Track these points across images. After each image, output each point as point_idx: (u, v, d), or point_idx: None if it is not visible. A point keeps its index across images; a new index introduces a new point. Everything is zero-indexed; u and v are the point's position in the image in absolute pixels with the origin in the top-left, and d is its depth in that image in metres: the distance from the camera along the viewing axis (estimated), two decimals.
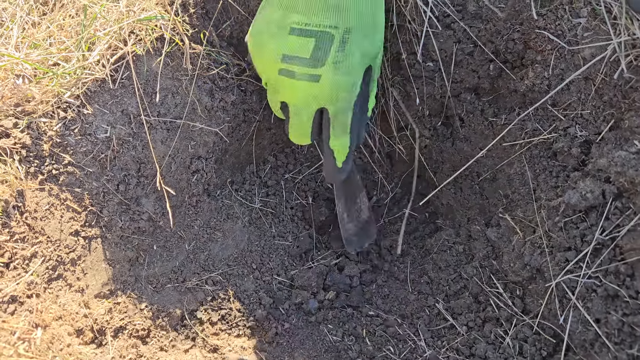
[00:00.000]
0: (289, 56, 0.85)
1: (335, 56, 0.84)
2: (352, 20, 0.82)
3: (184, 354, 0.87)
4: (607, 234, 0.80)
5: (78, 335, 0.78)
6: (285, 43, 0.85)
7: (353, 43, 0.84)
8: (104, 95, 0.88)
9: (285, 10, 0.83)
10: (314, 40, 0.83)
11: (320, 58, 0.84)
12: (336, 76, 0.85)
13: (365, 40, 0.85)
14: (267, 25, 0.85)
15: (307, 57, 0.84)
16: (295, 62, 0.85)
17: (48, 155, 0.83)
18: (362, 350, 0.94)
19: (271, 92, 0.92)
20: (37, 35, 0.91)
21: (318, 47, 0.83)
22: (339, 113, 0.89)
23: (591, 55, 0.86)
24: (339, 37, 0.83)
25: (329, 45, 0.83)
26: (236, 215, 1.08)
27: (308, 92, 0.87)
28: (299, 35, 0.83)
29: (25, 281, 0.76)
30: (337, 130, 0.90)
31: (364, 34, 0.84)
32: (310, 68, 0.85)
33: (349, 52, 0.84)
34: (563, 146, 0.91)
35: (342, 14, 0.82)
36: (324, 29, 0.83)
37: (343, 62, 0.85)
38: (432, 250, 1.10)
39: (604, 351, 0.77)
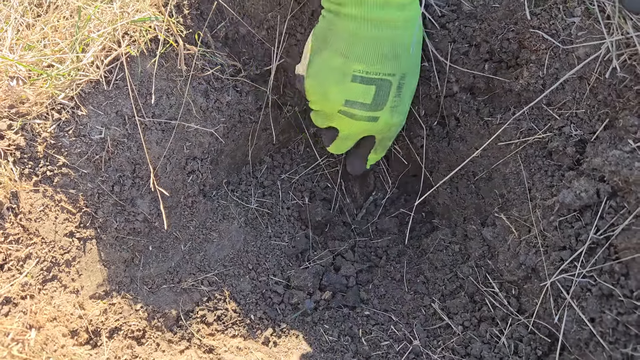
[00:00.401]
0: (351, 101, 0.91)
1: (393, 101, 0.91)
2: (405, 67, 0.89)
3: (180, 355, 0.87)
4: (602, 233, 0.80)
5: (73, 337, 0.78)
6: (349, 89, 0.90)
7: (407, 86, 0.91)
8: (98, 97, 0.88)
9: (346, 59, 0.87)
10: (374, 87, 0.89)
11: (379, 103, 0.91)
12: (392, 118, 0.94)
13: (414, 81, 0.94)
14: (329, 70, 0.90)
15: (368, 103, 0.91)
16: (357, 106, 0.91)
17: (42, 156, 0.83)
18: (358, 350, 0.94)
19: (323, 118, 1.00)
20: (32, 37, 0.91)
21: (378, 94, 0.90)
22: (384, 140, 1.00)
23: (585, 55, 0.86)
24: (396, 83, 0.89)
25: (388, 91, 0.90)
26: (232, 215, 1.08)
27: (364, 129, 0.96)
28: (361, 82, 0.88)
29: (20, 282, 0.76)
30: (378, 150, 1.03)
31: (414, 76, 0.93)
32: (370, 112, 0.92)
33: (404, 95, 0.92)
34: (558, 145, 0.91)
35: (398, 62, 0.87)
36: (384, 77, 0.88)
37: (399, 105, 0.93)
38: (428, 250, 1.10)
39: (598, 350, 0.77)
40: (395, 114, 0.93)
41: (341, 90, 0.90)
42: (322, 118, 1.00)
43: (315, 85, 0.93)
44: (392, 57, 0.87)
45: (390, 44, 0.86)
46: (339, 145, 1.03)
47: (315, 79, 0.92)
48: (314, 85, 0.93)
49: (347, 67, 0.88)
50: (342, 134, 0.99)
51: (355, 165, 1.08)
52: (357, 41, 0.86)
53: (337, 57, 0.88)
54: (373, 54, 0.86)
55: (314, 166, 1.23)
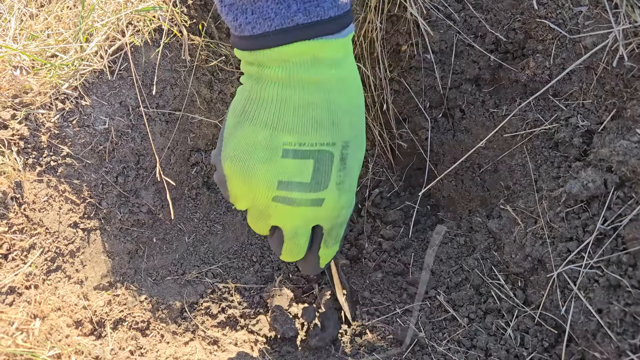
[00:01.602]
0: (285, 182, 0.72)
1: (337, 176, 0.73)
2: (347, 132, 0.72)
3: (184, 346, 0.87)
4: (609, 223, 0.79)
5: (77, 327, 0.78)
6: (280, 168, 0.71)
7: (352, 157, 0.74)
8: (102, 87, 0.88)
9: (272, 130, 0.70)
10: (312, 161, 0.71)
11: (322, 181, 0.72)
12: (341, 197, 0.75)
13: (360, 152, 0.76)
14: (252, 147, 0.71)
15: (307, 182, 0.72)
16: (294, 187, 0.72)
17: (46, 146, 0.83)
18: (362, 343, 0.93)
19: (257, 217, 0.78)
20: (35, 27, 0.91)
21: (318, 169, 0.71)
22: (334, 228, 0.80)
23: (592, 44, 0.86)
24: (339, 153, 0.72)
25: (330, 165, 0.72)
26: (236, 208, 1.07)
27: (309, 217, 0.77)
28: (294, 157, 0.71)
29: (24, 272, 0.75)
30: (329, 242, 0.82)
31: (359, 146, 0.75)
32: (312, 193, 0.73)
33: (350, 167, 0.74)
34: (565, 136, 0.90)
35: (337, 128, 0.70)
36: (322, 147, 0.70)
37: (345, 180, 0.74)
38: (434, 243, 1.10)
39: (606, 341, 0.76)
40: (342, 192, 0.74)
41: (270, 169, 0.71)
42: (257, 217, 0.77)
43: (237, 168, 0.72)
44: (329, 124, 0.69)
45: (327, 109, 0.69)
46: (291, 250, 0.80)
47: (236, 161, 0.72)
48: (236, 170, 0.73)
49: (274, 140, 0.69)
50: (288, 232, 0.78)
51: (308, 266, 0.85)
52: (285, 108, 0.68)
53: (260, 129, 0.70)
54: (306, 121, 0.69)
55: None
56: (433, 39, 1.01)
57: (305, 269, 0.87)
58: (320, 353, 0.91)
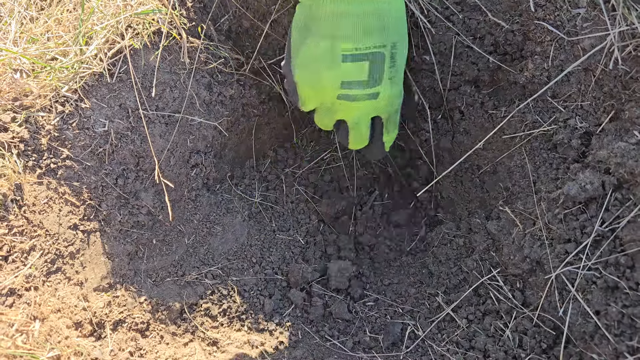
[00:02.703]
0: (347, 82, 0.87)
1: (389, 72, 0.87)
2: (394, 35, 0.85)
3: (184, 347, 0.88)
4: (607, 225, 0.79)
5: (77, 328, 0.78)
6: (342, 71, 0.86)
7: (399, 55, 0.88)
8: (101, 89, 0.88)
9: (331, 40, 0.83)
10: (367, 62, 0.85)
11: (377, 78, 0.87)
12: (392, 90, 0.89)
13: (405, 49, 0.89)
14: (317, 57, 0.86)
15: (365, 80, 0.87)
16: (354, 86, 0.87)
17: (46, 149, 0.83)
18: (361, 342, 0.94)
19: (325, 113, 0.95)
20: (35, 30, 0.92)
21: (373, 68, 0.86)
22: (391, 115, 0.95)
23: (591, 46, 0.86)
24: (389, 53, 0.86)
25: (382, 63, 0.86)
26: (236, 209, 1.08)
27: (368, 108, 0.91)
28: (352, 60, 0.85)
29: (24, 274, 0.76)
30: (389, 127, 0.97)
31: (404, 43, 0.88)
32: (369, 88, 0.88)
33: (399, 64, 0.88)
34: (563, 138, 0.90)
35: (386, 32, 0.84)
36: (374, 49, 0.84)
37: (396, 75, 0.89)
38: (433, 244, 1.10)
39: (604, 343, 0.76)
40: (394, 84, 0.90)
41: (334, 74, 0.86)
42: (325, 114, 0.95)
43: (306, 75, 0.88)
44: (380, 29, 0.83)
45: (377, 17, 0.82)
46: (356, 137, 0.97)
47: (305, 69, 0.88)
48: (305, 76, 0.88)
49: (335, 48, 0.84)
50: (351, 123, 0.95)
51: (375, 151, 1.02)
52: (340, 20, 0.82)
53: (322, 40, 0.84)
54: (360, 29, 0.82)
55: (317, 160, 1.22)
56: (432, 40, 1.01)
57: (374, 155, 1.05)
58: None
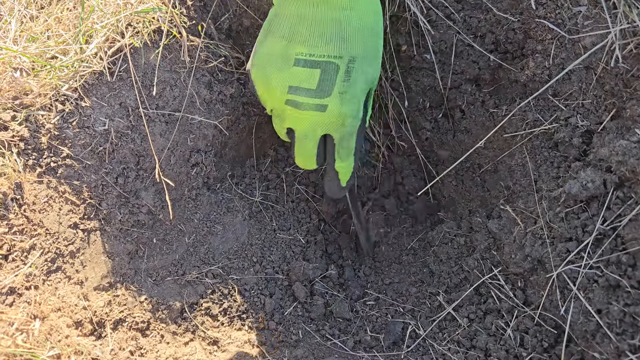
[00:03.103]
0: (294, 87, 0.83)
1: (341, 86, 0.82)
2: (355, 49, 0.81)
3: (184, 347, 0.87)
4: (609, 224, 0.79)
5: (77, 327, 0.78)
6: (291, 74, 0.82)
7: (357, 71, 0.82)
8: (101, 88, 0.88)
9: (288, 42, 0.81)
10: (319, 71, 0.81)
11: (326, 89, 0.82)
12: (342, 106, 0.83)
13: (369, 68, 0.84)
14: (270, 57, 0.83)
15: (313, 89, 0.82)
16: (302, 93, 0.83)
17: (46, 148, 0.83)
18: (362, 341, 0.94)
19: (277, 119, 0.90)
20: (35, 29, 0.91)
21: (324, 78, 0.81)
22: (344, 138, 0.87)
23: (592, 44, 0.85)
24: (344, 66, 0.81)
25: (335, 75, 0.81)
26: (236, 208, 1.08)
27: (314, 121, 0.85)
28: (304, 66, 0.81)
29: (24, 273, 0.76)
30: (342, 154, 0.89)
31: (367, 62, 0.83)
32: (317, 99, 0.83)
33: (354, 80, 0.82)
34: (564, 136, 0.90)
35: (346, 43, 0.80)
36: (329, 59, 0.80)
37: (348, 91, 0.82)
38: (434, 243, 1.10)
39: (605, 342, 0.76)
40: (344, 101, 0.83)
41: (284, 76, 0.82)
42: (276, 119, 0.89)
43: (259, 74, 0.85)
44: (339, 39, 0.79)
45: (337, 25, 0.79)
46: (300, 151, 0.90)
47: (259, 68, 0.85)
48: (258, 75, 0.85)
49: (289, 50, 0.81)
50: (299, 134, 0.88)
51: (333, 188, 0.94)
52: (300, 23, 0.79)
53: (279, 41, 0.82)
54: (317, 35, 0.79)
55: None
56: (433, 39, 1.01)
57: (328, 187, 0.95)
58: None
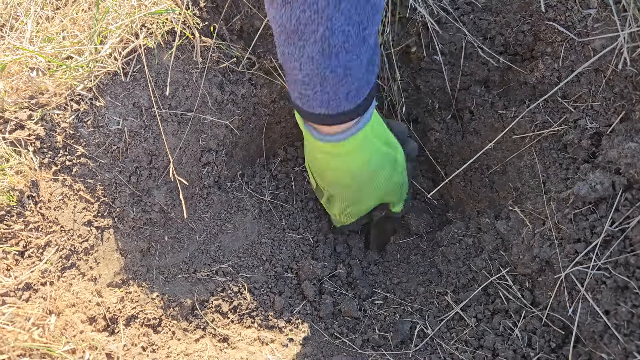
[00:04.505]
0: None
1: (325, 202, 1.03)
2: (332, 191, 0.98)
3: (195, 343, 0.89)
4: (617, 225, 0.80)
5: (91, 323, 0.79)
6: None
7: (336, 205, 1.03)
8: (116, 88, 0.89)
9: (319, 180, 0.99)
10: (315, 182, 1.01)
11: (319, 194, 1.04)
12: (329, 211, 1.09)
13: (346, 208, 1.02)
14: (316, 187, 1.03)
15: (314, 188, 1.04)
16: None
17: (61, 146, 0.85)
18: (370, 340, 0.94)
19: None
20: (51, 29, 0.93)
21: (317, 188, 1.02)
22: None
23: (601, 47, 0.86)
24: (326, 195, 1.00)
25: (322, 194, 1.01)
26: (246, 207, 1.09)
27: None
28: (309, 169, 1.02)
29: (40, 269, 0.77)
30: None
31: (344, 204, 1.01)
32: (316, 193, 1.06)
33: (333, 207, 1.04)
34: (573, 138, 0.90)
35: (325, 183, 0.97)
36: (318, 182, 0.99)
37: (330, 209, 1.06)
38: (442, 243, 1.10)
39: (613, 342, 0.76)
40: (329, 211, 1.07)
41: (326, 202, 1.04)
42: None
43: (316, 193, 1.05)
44: (319, 176, 0.96)
45: (318, 167, 0.94)
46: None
47: (316, 190, 1.04)
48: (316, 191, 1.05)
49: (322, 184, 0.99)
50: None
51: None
52: (320, 171, 0.96)
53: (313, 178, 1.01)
54: (308, 162, 0.97)
55: None
56: (442, 40, 1.02)
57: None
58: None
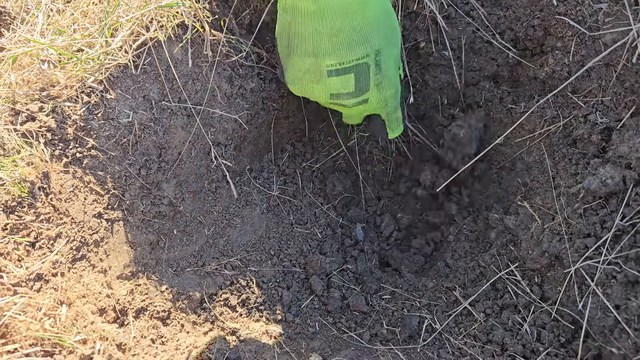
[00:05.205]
0: (335, 94, 0.92)
1: (375, 79, 0.90)
2: (378, 42, 0.86)
3: (204, 336, 0.89)
4: (628, 220, 0.80)
5: (101, 314, 0.80)
6: (328, 85, 0.90)
7: (386, 59, 0.89)
8: (126, 81, 0.89)
9: (315, 57, 0.87)
10: (353, 75, 0.88)
11: (363, 87, 0.90)
12: (381, 94, 0.92)
13: (393, 49, 0.90)
14: (302, 73, 0.91)
15: (352, 91, 0.91)
16: (343, 97, 0.92)
17: (72, 138, 0.85)
18: (378, 334, 0.94)
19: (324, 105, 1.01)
20: (62, 22, 0.93)
21: (358, 79, 0.89)
22: (390, 114, 0.99)
23: (612, 41, 0.86)
24: (373, 62, 0.88)
25: (368, 72, 0.88)
26: (255, 202, 1.09)
27: (360, 110, 0.97)
28: (337, 75, 0.88)
29: (50, 260, 0.77)
30: (392, 126, 1.02)
31: (390, 45, 0.89)
32: (357, 97, 0.92)
33: (385, 69, 0.90)
34: (583, 133, 0.90)
35: (368, 42, 0.85)
36: (358, 61, 0.87)
37: (383, 79, 0.91)
38: (451, 239, 1.10)
39: (623, 337, 0.76)
40: (381, 89, 0.92)
41: (322, 87, 0.91)
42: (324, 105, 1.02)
43: (298, 89, 0.95)
44: (360, 41, 0.85)
45: (355, 31, 0.84)
46: (349, 120, 1.07)
47: (296, 84, 0.94)
48: (298, 90, 0.96)
49: (319, 65, 0.88)
50: (345, 115, 1.04)
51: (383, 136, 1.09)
52: (320, 38, 0.84)
53: (306, 58, 0.88)
54: (340, 45, 0.85)
55: (333, 156, 1.23)
56: (451, 36, 1.02)
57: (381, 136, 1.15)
58: None
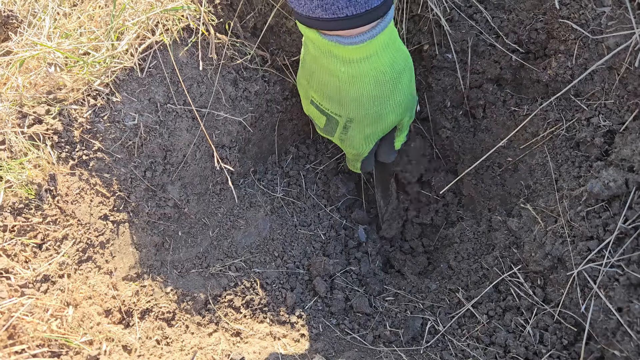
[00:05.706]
0: (311, 118, 1.01)
1: (340, 134, 0.96)
2: (352, 113, 0.91)
3: (208, 337, 0.89)
4: (630, 223, 0.80)
5: (107, 315, 0.80)
6: (311, 108, 0.98)
7: (355, 129, 0.94)
8: (132, 84, 0.90)
9: (308, 83, 0.94)
10: (325, 118, 0.95)
11: (329, 131, 0.97)
12: (344, 146, 1.00)
13: (367, 128, 0.94)
14: (300, 86, 0.99)
15: (321, 127, 0.98)
16: (316, 124, 1.00)
17: (79, 141, 0.86)
18: (381, 336, 0.95)
19: None
20: (68, 26, 0.94)
21: (328, 124, 0.96)
22: (352, 159, 1.06)
23: (615, 45, 0.86)
24: (342, 123, 0.93)
25: (335, 126, 0.95)
26: (259, 204, 1.10)
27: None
28: (316, 108, 0.96)
29: (57, 262, 0.78)
30: (351, 162, 1.07)
31: (365, 124, 0.93)
32: (325, 133, 0.99)
33: (351, 135, 0.95)
34: (586, 136, 0.90)
35: (343, 107, 0.90)
36: (331, 113, 0.93)
37: (346, 140, 0.97)
38: (454, 240, 1.11)
39: (626, 340, 0.76)
40: (345, 145, 0.99)
41: (307, 106, 0.99)
42: None
43: (299, 89, 1.01)
44: (337, 102, 0.90)
45: (336, 91, 0.88)
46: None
47: (299, 86, 1.00)
48: (298, 88, 1.01)
49: (308, 90, 0.95)
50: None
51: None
52: (313, 76, 0.91)
53: (305, 79, 0.94)
54: (322, 91, 0.91)
55: (338, 157, 1.24)
56: (455, 38, 1.02)
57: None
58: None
